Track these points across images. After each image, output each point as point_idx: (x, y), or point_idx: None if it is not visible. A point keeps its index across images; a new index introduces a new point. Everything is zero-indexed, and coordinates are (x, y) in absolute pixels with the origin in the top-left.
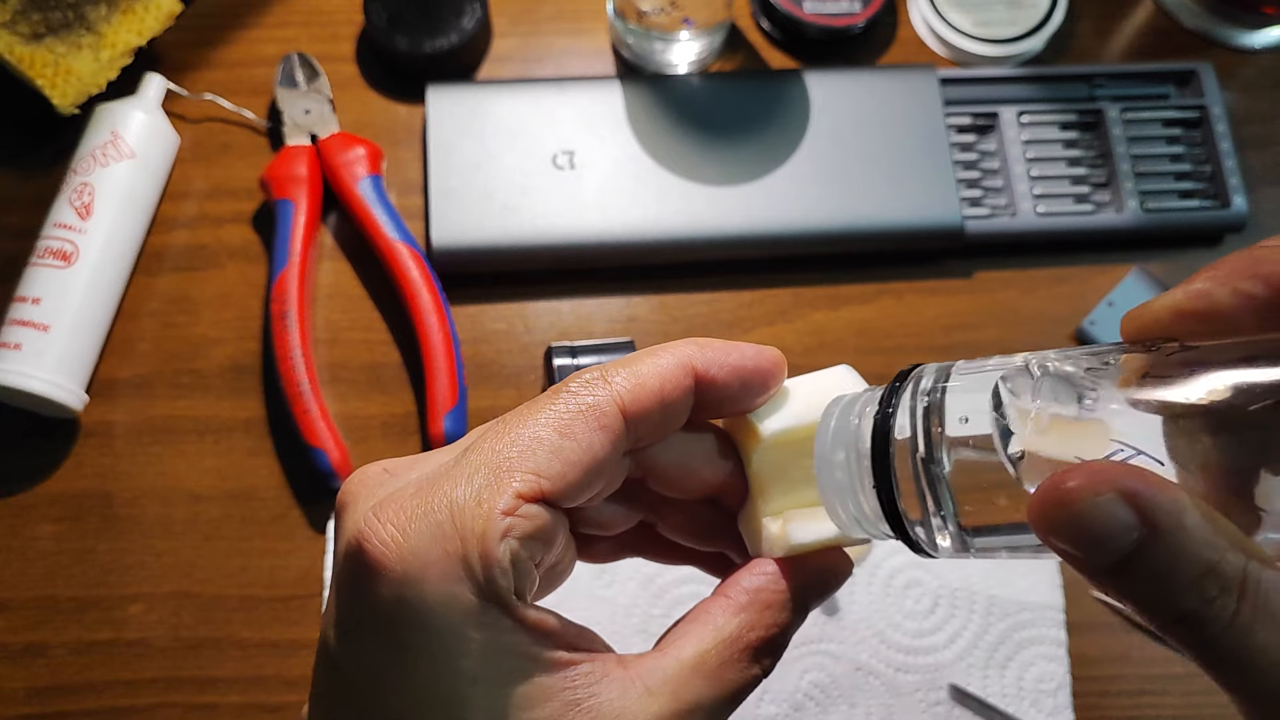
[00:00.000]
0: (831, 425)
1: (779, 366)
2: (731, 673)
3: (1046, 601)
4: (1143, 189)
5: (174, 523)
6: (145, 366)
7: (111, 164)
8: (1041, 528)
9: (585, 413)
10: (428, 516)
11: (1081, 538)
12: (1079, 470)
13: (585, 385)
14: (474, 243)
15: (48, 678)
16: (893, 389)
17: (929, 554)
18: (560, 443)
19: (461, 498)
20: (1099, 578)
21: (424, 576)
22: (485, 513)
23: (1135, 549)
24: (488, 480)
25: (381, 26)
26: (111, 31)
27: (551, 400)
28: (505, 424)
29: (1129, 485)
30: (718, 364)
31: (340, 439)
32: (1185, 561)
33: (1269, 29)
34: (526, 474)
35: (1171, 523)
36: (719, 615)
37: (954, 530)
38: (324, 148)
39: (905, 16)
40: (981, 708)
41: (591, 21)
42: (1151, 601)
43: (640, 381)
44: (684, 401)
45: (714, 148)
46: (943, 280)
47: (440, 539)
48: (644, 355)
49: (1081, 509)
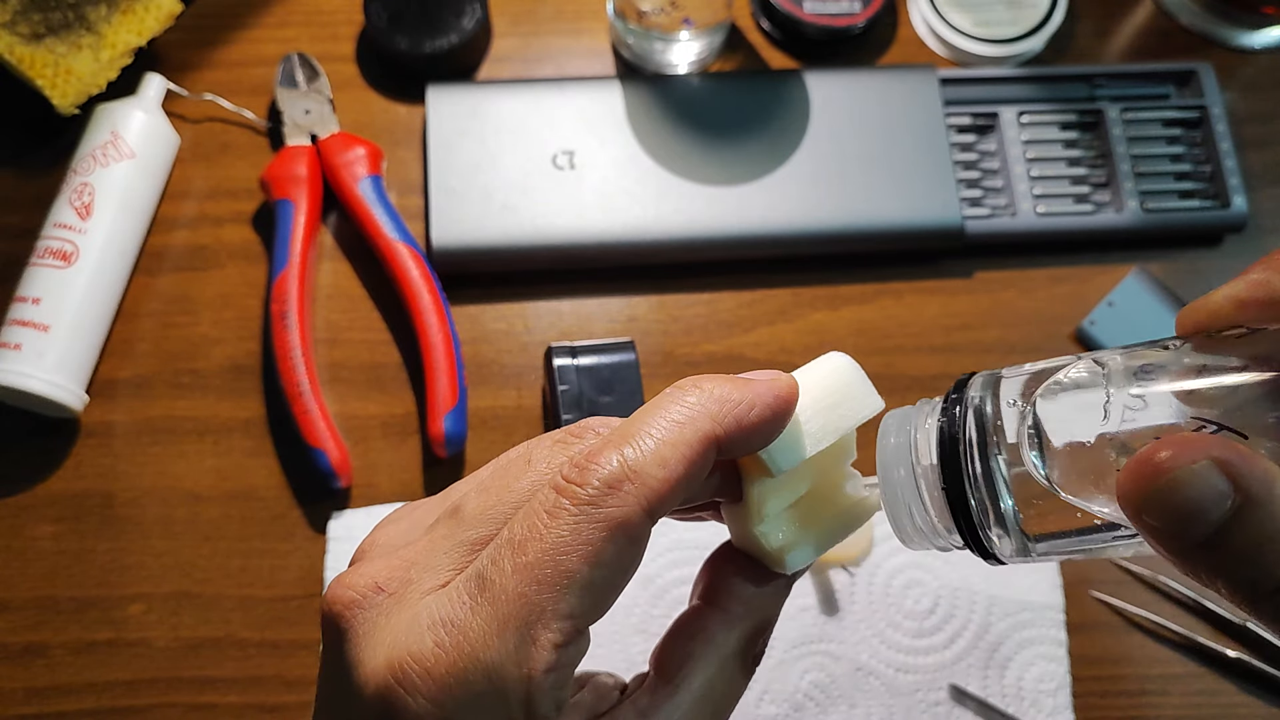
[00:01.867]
0: (891, 442)
1: (794, 404)
2: (738, 683)
3: (1046, 601)
4: (1143, 189)
5: (174, 523)
6: (145, 366)
7: (111, 164)
8: (1133, 502)
9: (615, 531)
10: (464, 687)
11: (1175, 509)
12: (1169, 442)
13: (609, 490)
14: (474, 243)
15: (47, 678)
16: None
17: (999, 559)
18: (591, 575)
19: (497, 661)
20: (1189, 554)
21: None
22: (526, 676)
23: (1229, 520)
24: (520, 636)
25: (381, 26)
26: (111, 31)
27: (572, 512)
28: (524, 550)
29: (1222, 454)
30: (739, 425)
31: (340, 439)
32: (1278, 531)
33: (1269, 29)
34: (561, 620)
35: (1264, 492)
36: (716, 632)
37: (1016, 536)
38: (324, 148)
39: (905, 16)
40: (981, 708)
41: (591, 21)
42: (1245, 575)
43: (666, 475)
44: (704, 474)
45: (714, 148)
46: (943, 280)
47: (481, 711)
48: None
49: (1176, 479)
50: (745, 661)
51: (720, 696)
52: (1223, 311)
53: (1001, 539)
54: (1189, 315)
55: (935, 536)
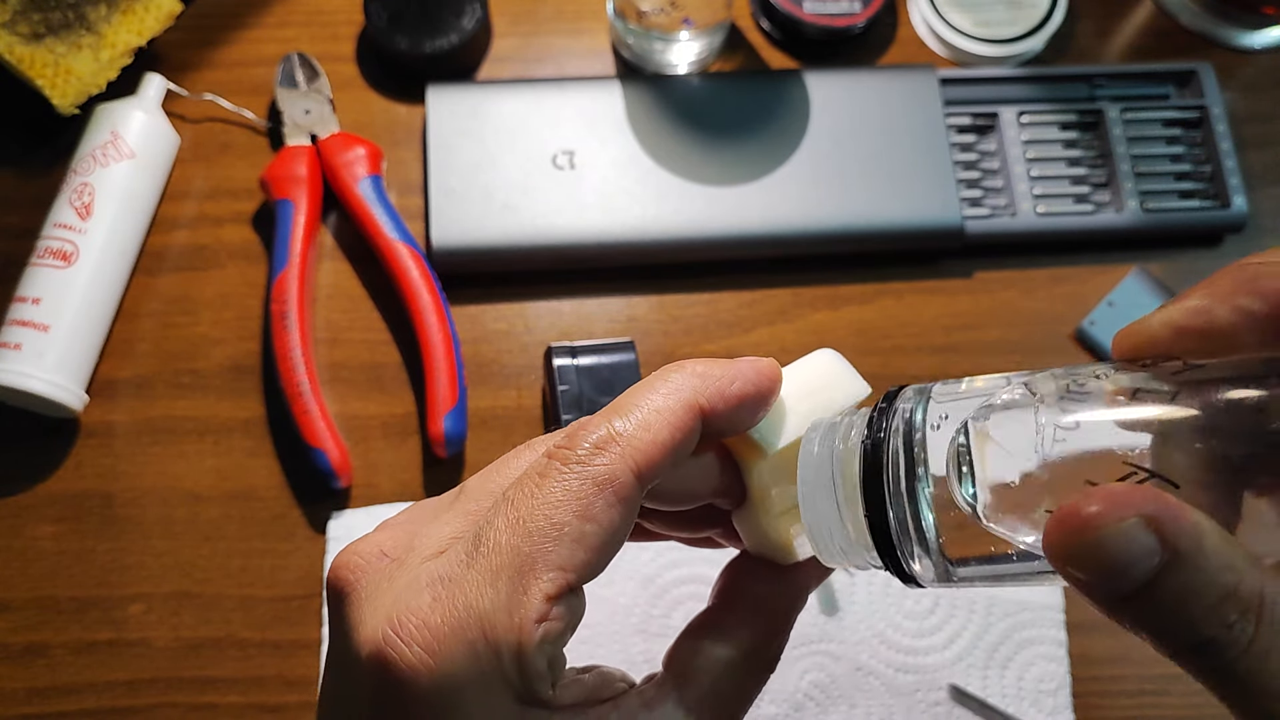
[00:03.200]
0: (814, 450)
1: (777, 381)
2: (751, 685)
3: (1046, 601)
4: (1143, 189)
5: (174, 523)
6: (145, 366)
7: (111, 164)
8: (1058, 555)
9: (602, 487)
10: (457, 635)
11: (1101, 566)
12: (1097, 495)
13: (596, 450)
14: (474, 243)
15: (48, 678)
16: (880, 410)
17: (917, 583)
18: (582, 528)
19: (489, 608)
20: (1113, 606)
21: (461, 699)
22: (518, 624)
23: (1155, 576)
24: (513, 585)
25: (381, 26)
26: (111, 31)
27: (562, 473)
28: (516, 507)
29: (1150, 510)
30: (722, 397)
31: (340, 439)
32: (1205, 587)
33: (1269, 29)
34: (551, 571)
35: (1192, 547)
36: (733, 635)
37: (938, 560)
38: (324, 148)
39: (905, 16)
40: (981, 708)
41: (591, 21)
42: (1169, 629)
43: (652, 436)
44: (692, 443)
45: (714, 148)
46: (943, 280)
47: (474, 658)
48: (646, 395)
49: (1103, 535)
50: (758, 662)
51: (729, 696)
52: (1159, 338)
53: (922, 562)
54: (1126, 339)
55: (854, 555)
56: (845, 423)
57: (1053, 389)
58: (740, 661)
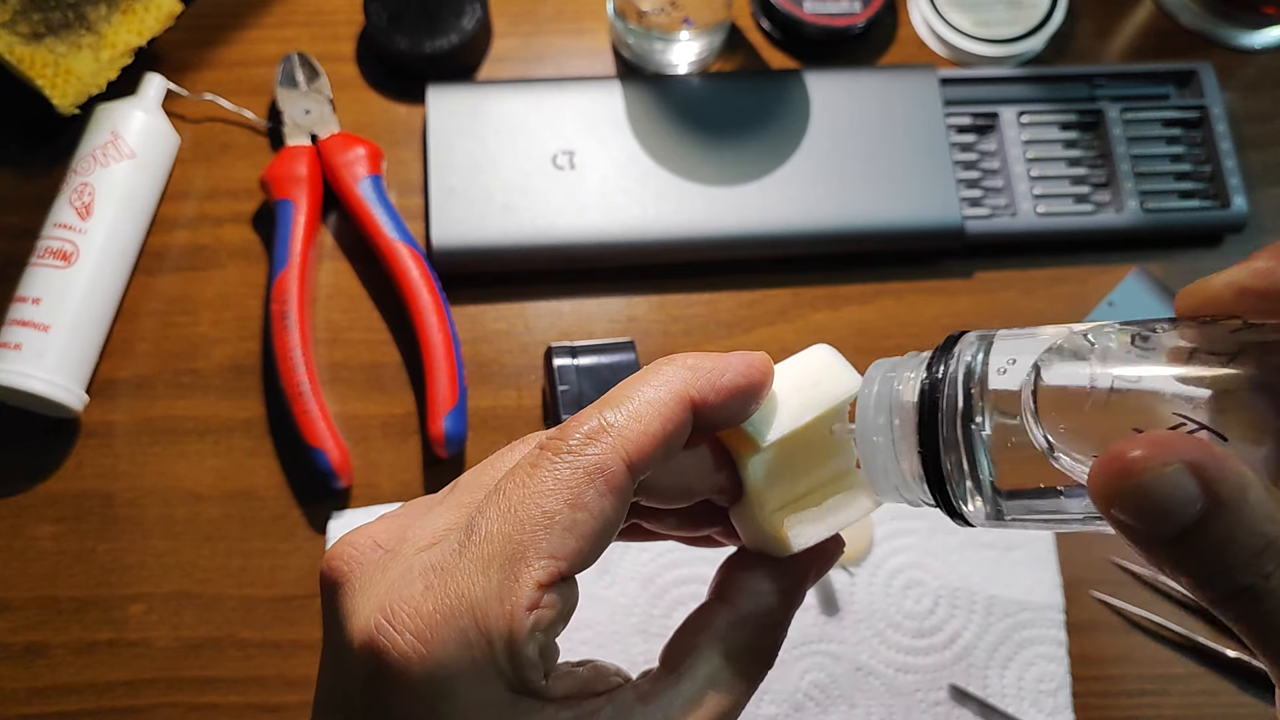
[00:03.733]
0: (875, 390)
1: (768, 375)
2: (745, 680)
3: (1046, 601)
4: (1143, 189)
5: (174, 523)
6: (145, 366)
7: (111, 164)
8: (1102, 497)
9: (593, 475)
10: (449, 623)
11: (1144, 509)
12: (1143, 440)
13: (587, 440)
14: (474, 243)
15: (48, 678)
16: (938, 355)
17: (968, 522)
18: (573, 517)
19: (481, 596)
20: (1156, 549)
21: (453, 687)
22: (509, 612)
23: (1197, 522)
24: (504, 573)
25: (381, 26)
26: (111, 31)
27: (553, 463)
28: (508, 497)
29: (1194, 457)
30: (713, 388)
31: (340, 439)
32: (1246, 536)
33: (1269, 29)
34: (542, 559)
35: (1235, 496)
36: (724, 626)
37: (988, 495)
38: (324, 148)
39: (905, 16)
40: (981, 708)
41: (591, 21)
42: (1209, 575)
43: (643, 427)
44: (684, 433)
45: (714, 148)
46: (943, 280)
47: (466, 646)
48: (638, 388)
49: (1146, 479)
50: (753, 657)
51: (725, 689)
52: (1222, 297)
53: (974, 501)
54: (1187, 297)
55: (907, 490)
56: (907, 363)
57: (1116, 340)
58: (736, 655)
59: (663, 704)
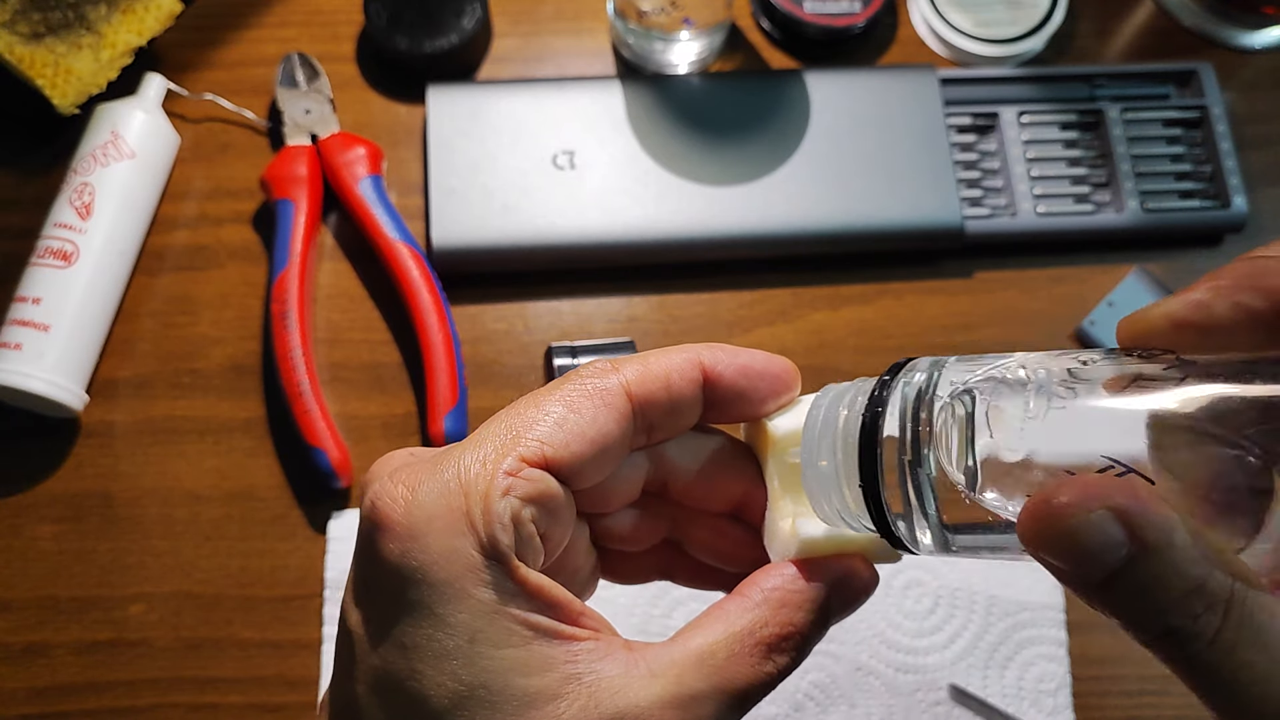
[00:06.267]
0: (820, 416)
1: (791, 374)
2: (739, 666)
3: (1046, 601)
4: (1143, 189)
5: (174, 523)
6: (145, 366)
7: (111, 164)
8: (1031, 541)
9: (592, 392)
10: (435, 477)
11: (1071, 553)
12: (1069, 485)
13: (594, 370)
14: (474, 243)
15: (48, 678)
16: (883, 382)
17: (910, 550)
18: (566, 415)
19: (469, 461)
20: (1086, 593)
21: (427, 530)
22: (489, 472)
23: (1123, 566)
24: (495, 447)
25: (381, 26)
26: (111, 31)
27: (561, 384)
28: (516, 404)
29: (1119, 502)
30: (725, 362)
31: (340, 439)
32: (1172, 578)
33: (1269, 29)
34: (531, 441)
35: (1161, 540)
36: (732, 611)
37: (935, 528)
38: (324, 148)
39: (905, 16)
40: (981, 708)
41: (591, 21)
42: (1138, 617)
43: (647, 369)
44: (692, 394)
45: (714, 148)
46: (943, 280)
47: (444, 495)
48: (652, 351)
49: (1072, 525)
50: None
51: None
52: (1157, 329)
53: (921, 530)
54: (1127, 327)
55: (851, 519)
56: (854, 389)
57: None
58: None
59: (649, 656)
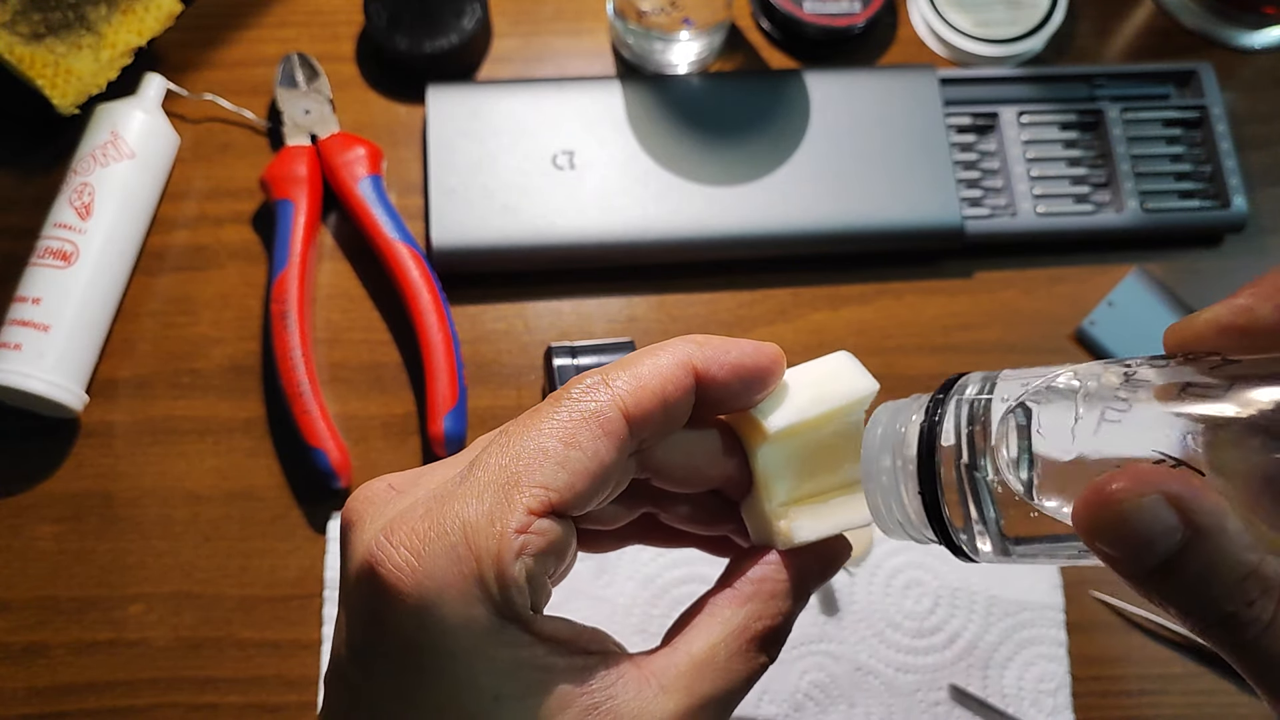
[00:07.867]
0: (879, 431)
1: (778, 362)
2: (741, 663)
3: (1046, 601)
4: (1143, 189)
5: (174, 523)
6: (145, 366)
7: (111, 164)
8: (1086, 530)
9: (589, 419)
10: (441, 539)
11: (1125, 540)
12: (1123, 473)
13: (587, 390)
14: (474, 243)
15: (48, 678)
16: (938, 397)
17: (971, 559)
18: (566, 453)
19: (473, 517)
20: (1141, 581)
21: (441, 600)
22: (498, 533)
23: (1178, 552)
24: (497, 498)
25: (381, 26)
26: (111, 31)
27: (554, 408)
28: (509, 435)
29: (1172, 488)
30: (717, 362)
31: (340, 439)
32: (1227, 564)
33: (1269, 29)
34: (535, 488)
35: (1214, 525)
36: (725, 608)
37: (995, 537)
38: (324, 148)
39: (905, 16)
40: (981, 708)
41: (591, 21)
42: (1192, 604)
43: (641, 383)
44: (685, 400)
45: (714, 148)
46: (943, 280)
47: (455, 561)
48: (643, 355)
49: (1125, 510)
50: (751, 640)
51: (722, 667)
52: (1204, 335)
53: (981, 539)
54: (1174, 334)
55: (913, 530)
56: (912, 405)
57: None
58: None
59: (657, 670)
